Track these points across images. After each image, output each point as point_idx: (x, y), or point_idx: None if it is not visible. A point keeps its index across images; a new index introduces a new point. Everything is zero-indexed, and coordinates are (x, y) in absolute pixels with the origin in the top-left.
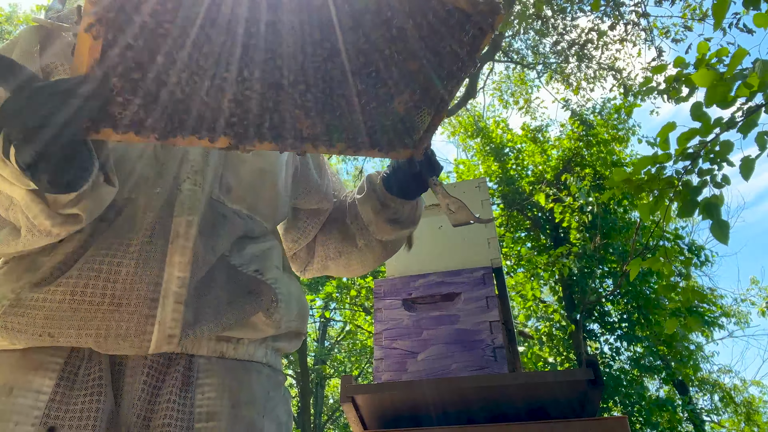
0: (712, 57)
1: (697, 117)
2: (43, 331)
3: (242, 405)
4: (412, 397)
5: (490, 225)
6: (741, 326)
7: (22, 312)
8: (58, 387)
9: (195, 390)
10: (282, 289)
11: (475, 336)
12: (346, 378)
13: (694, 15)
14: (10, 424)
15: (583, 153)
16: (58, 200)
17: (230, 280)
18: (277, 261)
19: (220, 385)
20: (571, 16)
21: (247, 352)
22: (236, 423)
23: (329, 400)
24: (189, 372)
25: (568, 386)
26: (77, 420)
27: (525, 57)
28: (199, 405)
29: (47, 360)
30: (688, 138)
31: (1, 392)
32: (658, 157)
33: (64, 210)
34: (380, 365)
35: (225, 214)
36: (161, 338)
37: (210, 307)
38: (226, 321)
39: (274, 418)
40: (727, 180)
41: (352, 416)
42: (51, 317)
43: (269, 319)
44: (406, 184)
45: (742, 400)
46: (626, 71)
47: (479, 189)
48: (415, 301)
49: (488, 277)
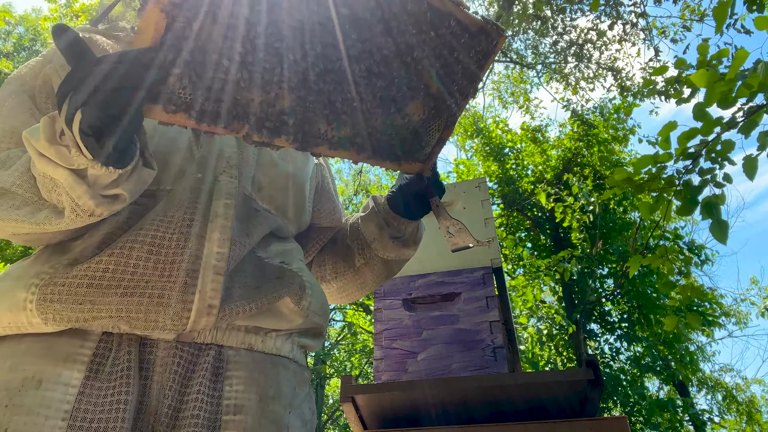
0: (713, 58)
1: (699, 117)
2: (84, 299)
3: (269, 399)
4: (412, 397)
5: (489, 225)
6: (740, 326)
7: (63, 282)
8: (87, 380)
9: (223, 381)
10: (308, 278)
11: (475, 336)
12: (346, 378)
13: (692, 15)
14: (40, 418)
15: (584, 153)
16: (99, 181)
17: (257, 269)
18: (300, 257)
19: (248, 378)
20: (570, 17)
21: (275, 345)
22: (263, 417)
23: (329, 400)
24: (218, 363)
25: (568, 386)
26: (106, 413)
27: (524, 57)
28: (227, 397)
29: (76, 351)
30: (689, 137)
31: (29, 385)
32: (659, 157)
33: (105, 191)
34: (380, 365)
35: (257, 209)
36: (201, 308)
37: (242, 287)
38: (260, 301)
39: (299, 414)
40: (728, 179)
41: (352, 416)
42: (92, 286)
43: (297, 306)
44: (411, 203)
45: (743, 399)
46: (625, 71)
47: (479, 189)
48: (415, 301)
49: (488, 277)
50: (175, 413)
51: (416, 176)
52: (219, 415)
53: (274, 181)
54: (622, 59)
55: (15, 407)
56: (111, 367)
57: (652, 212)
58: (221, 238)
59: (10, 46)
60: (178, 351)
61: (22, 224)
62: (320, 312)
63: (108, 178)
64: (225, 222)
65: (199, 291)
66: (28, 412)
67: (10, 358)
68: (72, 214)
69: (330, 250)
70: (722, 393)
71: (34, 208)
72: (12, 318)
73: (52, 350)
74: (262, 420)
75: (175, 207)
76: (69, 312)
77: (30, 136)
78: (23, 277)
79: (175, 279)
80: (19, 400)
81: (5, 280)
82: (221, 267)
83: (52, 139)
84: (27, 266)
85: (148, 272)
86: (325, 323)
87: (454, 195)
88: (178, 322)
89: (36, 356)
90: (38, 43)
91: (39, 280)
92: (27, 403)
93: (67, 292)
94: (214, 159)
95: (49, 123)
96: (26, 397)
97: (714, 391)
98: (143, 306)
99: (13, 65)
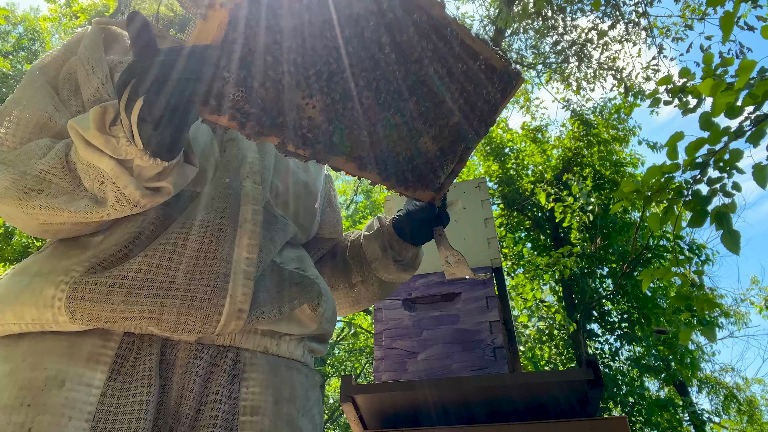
0: (719, 67)
1: (706, 127)
2: (116, 299)
3: (284, 402)
4: (412, 397)
5: (489, 225)
6: (739, 326)
7: (95, 281)
8: (110, 381)
9: (240, 383)
10: (323, 285)
11: (475, 336)
12: (346, 378)
13: (693, 15)
14: (64, 419)
15: (584, 153)
16: (143, 173)
17: (275, 274)
18: (311, 264)
19: (264, 380)
20: (571, 17)
21: (288, 349)
22: (278, 419)
23: (329, 400)
24: (235, 365)
25: (568, 386)
26: (128, 414)
27: (525, 57)
28: (243, 398)
29: (98, 351)
30: (697, 147)
31: (52, 385)
32: (666, 167)
33: (147, 183)
34: (380, 365)
35: (276, 215)
36: (232, 312)
37: (265, 292)
38: (283, 307)
39: (310, 418)
40: (737, 187)
41: (352, 416)
42: (124, 286)
43: (314, 313)
44: (416, 230)
45: (744, 399)
46: (626, 71)
47: (479, 189)
48: (415, 301)
49: (488, 277)
50: (195, 414)
51: (427, 205)
52: (236, 416)
53: (290, 188)
54: (622, 59)
55: (38, 407)
56: (132, 368)
57: (662, 224)
58: (250, 243)
59: (10, 46)
60: (197, 353)
61: (62, 213)
62: (331, 319)
63: (153, 171)
64: (254, 227)
65: (230, 295)
66: (52, 412)
67: (30, 356)
68: (117, 203)
69: (328, 262)
70: (723, 393)
71: (70, 197)
72: (36, 315)
73: (74, 349)
74: (278, 422)
75: (205, 210)
76: (99, 311)
77: (78, 125)
78: (50, 274)
79: (207, 282)
80: (42, 400)
81: (24, 275)
82: (251, 272)
83: (102, 128)
84: (50, 262)
85: (180, 275)
86: (332, 330)
87: (454, 195)
88: (209, 325)
89: (58, 355)
90: (37, 43)
91: (69, 278)
92: (50, 402)
93: (98, 291)
94: (238, 163)
95: (100, 112)
96: (49, 396)
97: (714, 392)
98: (175, 308)
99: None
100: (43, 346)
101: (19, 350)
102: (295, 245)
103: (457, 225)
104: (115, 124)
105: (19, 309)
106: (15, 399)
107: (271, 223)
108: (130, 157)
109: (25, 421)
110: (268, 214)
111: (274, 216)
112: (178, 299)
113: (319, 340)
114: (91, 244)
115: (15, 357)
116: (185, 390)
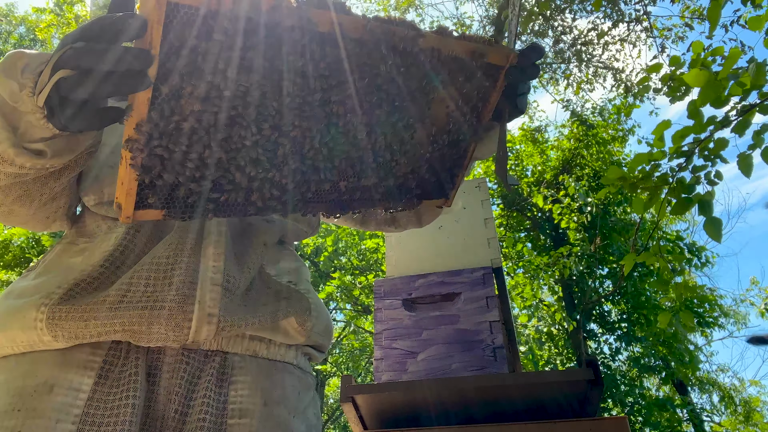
0: (708, 56)
1: (693, 115)
2: (89, 316)
3: (274, 404)
4: (412, 397)
5: (489, 225)
6: (738, 327)
7: (71, 302)
8: (97, 386)
9: (228, 387)
10: (314, 299)
11: (475, 336)
12: (346, 378)
13: (693, 16)
14: (51, 422)
15: (583, 153)
16: (29, 132)
17: (265, 286)
18: (307, 277)
19: (252, 383)
20: (571, 17)
21: (279, 352)
22: (268, 421)
23: (329, 400)
24: (223, 369)
25: (568, 386)
26: (114, 416)
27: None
28: (232, 401)
29: (87, 359)
30: (683, 136)
31: (42, 390)
32: (653, 155)
33: (30, 145)
34: (380, 365)
35: (250, 223)
36: (201, 317)
37: (247, 302)
38: (263, 317)
39: (304, 419)
40: (719, 176)
41: (352, 416)
42: (97, 303)
43: (302, 327)
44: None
45: (740, 400)
46: (626, 72)
47: (479, 189)
48: (415, 301)
49: (488, 277)
50: (182, 417)
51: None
52: (224, 419)
53: None
54: (622, 60)
55: (28, 411)
56: (119, 373)
57: (645, 209)
58: (215, 252)
59: (10, 46)
60: (184, 358)
61: None
62: (323, 333)
63: (41, 133)
64: (218, 238)
65: (198, 301)
66: (42, 416)
67: (24, 365)
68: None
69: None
70: (719, 394)
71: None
72: (24, 337)
73: (65, 358)
74: (267, 423)
75: (168, 229)
76: (77, 330)
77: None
78: (32, 296)
79: (176, 292)
80: (32, 405)
81: (9, 299)
82: (218, 278)
83: (10, 70)
84: (32, 285)
85: (150, 289)
86: (327, 342)
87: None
88: (180, 332)
89: (49, 364)
90: (37, 44)
91: (48, 300)
92: (40, 407)
93: (75, 310)
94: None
95: (16, 56)
96: (39, 401)
97: (710, 393)
98: (145, 319)
99: None
100: (38, 357)
101: (13, 362)
102: (291, 252)
103: (457, 225)
104: (29, 74)
105: (10, 333)
106: (8, 405)
107: (243, 231)
108: (23, 109)
109: (15, 425)
110: (242, 223)
111: (248, 224)
112: (147, 310)
113: (315, 349)
114: (72, 266)
115: (9, 368)
116: (172, 394)
